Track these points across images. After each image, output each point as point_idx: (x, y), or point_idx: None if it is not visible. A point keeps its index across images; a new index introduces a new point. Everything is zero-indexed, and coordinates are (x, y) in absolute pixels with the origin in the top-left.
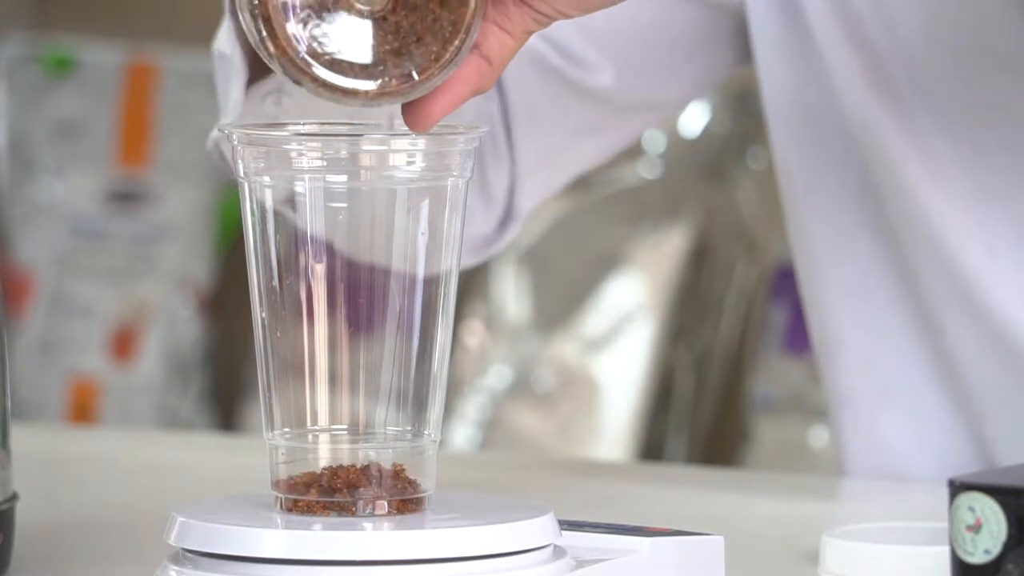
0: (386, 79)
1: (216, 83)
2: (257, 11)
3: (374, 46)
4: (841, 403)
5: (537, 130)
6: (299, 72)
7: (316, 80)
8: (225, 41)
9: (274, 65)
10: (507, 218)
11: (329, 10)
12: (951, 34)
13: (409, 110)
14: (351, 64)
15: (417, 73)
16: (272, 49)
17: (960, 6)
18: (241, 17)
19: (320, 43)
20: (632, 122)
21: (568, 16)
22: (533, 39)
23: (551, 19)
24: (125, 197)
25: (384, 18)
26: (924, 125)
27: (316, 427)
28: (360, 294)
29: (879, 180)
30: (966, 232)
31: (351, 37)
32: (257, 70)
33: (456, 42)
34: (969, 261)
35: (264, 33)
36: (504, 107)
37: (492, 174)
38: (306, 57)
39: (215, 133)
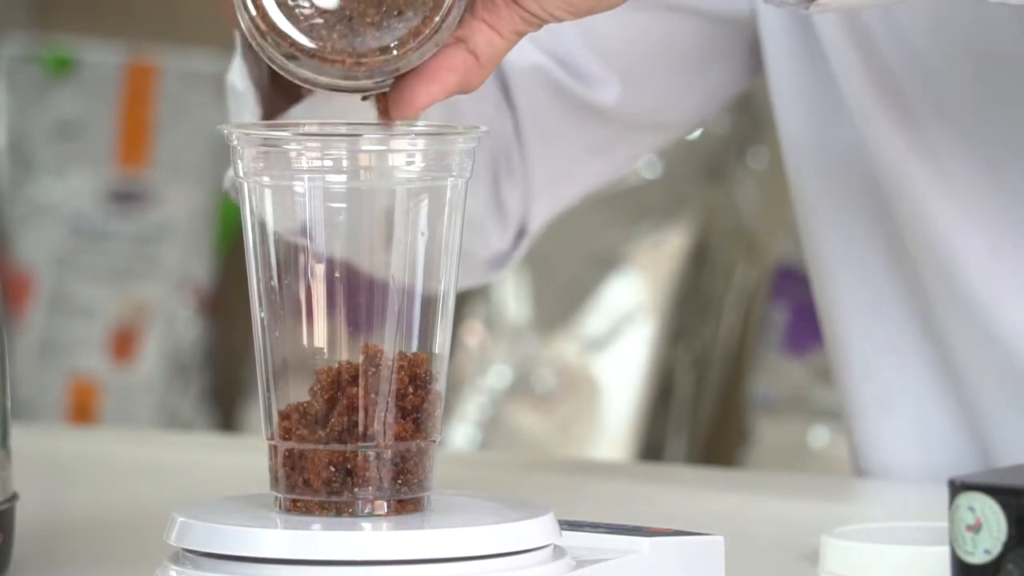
0: (365, 51)
1: (230, 116)
2: None
3: (355, 18)
4: (847, 408)
5: (549, 148)
6: (281, 40)
7: (295, 45)
8: (238, 77)
9: (266, 43)
10: (520, 234)
11: None
12: (957, 38)
13: (394, 95)
14: (330, 33)
15: (396, 47)
16: (263, 26)
17: (965, 12)
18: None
19: (302, 11)
20: (641, 140)
21: (558, 19)
22: (542, 58)
23: (541, 20)
24: (125, 197)
25: None
26: (932, 131)
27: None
28: (359, 294)
29: (887, 188)
30: (970, 234)
31: (333, 8)
32: (270, 109)
33: (436, 18)
34: (972, 263)
35: (254, 12)
36: (517, 125)
37: (507, 192)
38: (289, 24)
39: (231, 173)
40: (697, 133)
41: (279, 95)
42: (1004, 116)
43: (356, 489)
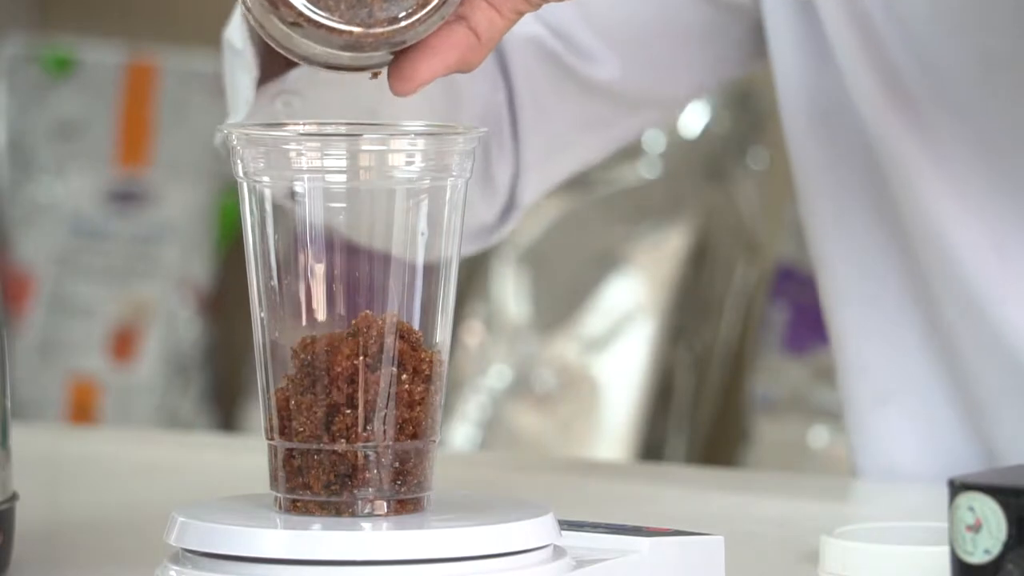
0: (373, 21)
1: (224, 73)
2: None
3: None
4: (845, 403)
5: (542, 122)
6: (288, 10)
7: (301, 15)
8: (236, 34)
9: (275, 12)
10: (508, 208)
11: None
12: (962, 34)
13: (395, 71)
14: (338, 4)
15: (403, 17)
16: None
17: (969, 7)
18: None
19: None
20: (636, 118)
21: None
22: (540, 30)
23: (541, 0)
24: (125, 197)
25: None
26: (936, 127)
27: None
28: (359, 294)
29: (891, 183)
30: (973, 231)
31: None
32: (268, 69)
33: None
34: (976, 261)
35: None
36: (510, 98)
37: (496, 165)
38: None
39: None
40: (697, 133)
41: (277, 56)
42: (1008, 112)
43: (356, 489)
